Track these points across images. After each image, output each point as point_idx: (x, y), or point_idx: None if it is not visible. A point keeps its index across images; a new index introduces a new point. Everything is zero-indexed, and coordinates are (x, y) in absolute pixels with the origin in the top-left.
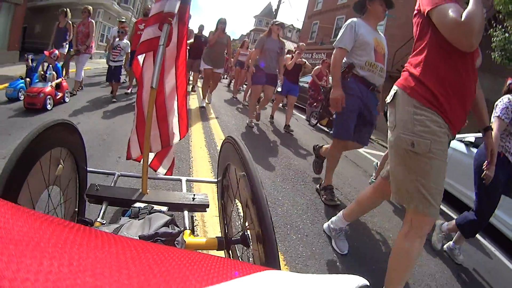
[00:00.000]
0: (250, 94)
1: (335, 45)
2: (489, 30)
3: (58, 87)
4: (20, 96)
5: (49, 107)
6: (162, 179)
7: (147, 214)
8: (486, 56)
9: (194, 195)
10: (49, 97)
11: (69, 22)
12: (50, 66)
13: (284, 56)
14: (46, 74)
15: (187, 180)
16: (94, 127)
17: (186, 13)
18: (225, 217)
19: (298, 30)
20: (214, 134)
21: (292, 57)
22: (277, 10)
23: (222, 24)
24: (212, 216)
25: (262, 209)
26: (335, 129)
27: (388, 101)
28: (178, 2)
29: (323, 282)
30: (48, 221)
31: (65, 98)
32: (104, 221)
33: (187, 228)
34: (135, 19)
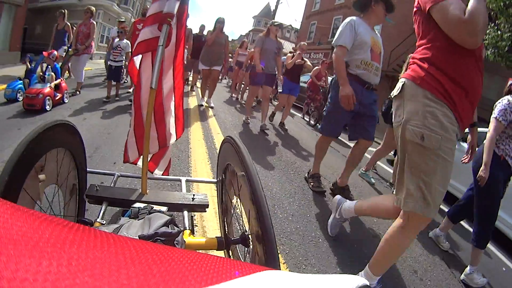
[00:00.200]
0: (248, 93)
1: (335, 43)
2: None
3: (57, 88)
4: (18, 97)
5: (48, 108)
6: (162, 180)
7: (147, 214)
8: None
9: (194, 195)
10: (48, 98)
11: (67, 24)
12: (49, 67)
13: (281, 56)
14: (45, 75)
15: (187, 180)
16: (94, 127)
17: (184, 13)
18: (224, 217)
19: (296, 30)
20: (213, 134)
21: (293, 56)
22: (275, 11)
23: (220, 23)
24: (212, 216)
25: (262, 209)
26: (323, 124)
27: (394, 94)
28: (178, 3)
29: (323, 282)
30: (47, 221)
31: (64, 98)
32: (104, 221)
33: (187, 228)
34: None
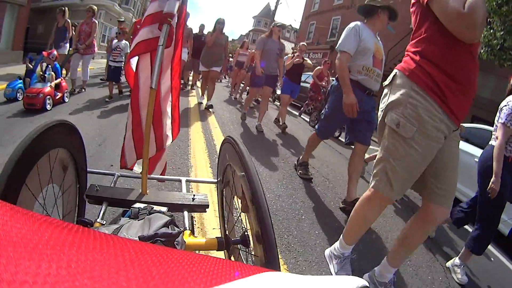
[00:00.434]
0: (247, 94)
1: (339, 48)
2: None
3: (57, 87)
4: (18, 96)
5: (48, 108)
6: (162, 180)
7: (147, 215)
8: None
9: (194, 196)
10: (48, 97)
11: (67, 21)
12: (49, 66)
13: (283, 57)
14: (45, 75)
15: (187, 180)
16: (94, 127)
17: (182, 13)
18: (225, 217)
19: (296, 31)
20: (213, 134)
21: (292, 57)
22: (274, 11)
23: (220, 24)
24: (212, 216)
25: (262, 209)
26: (319, 126)
27: (385, 83)
28: (178, 3)
29: (323, 283)
30: (46, 222)
31: (64, 98)
32: (104, 221)
33: (187, 228)
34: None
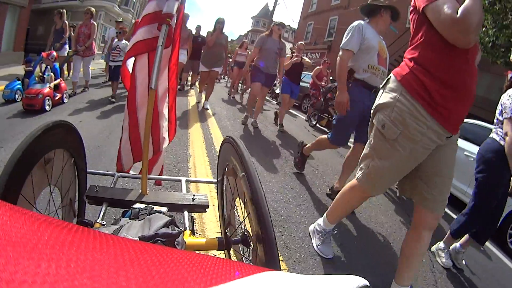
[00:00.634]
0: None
1: (342, 46)
2: None
3: (57, 88)
4: (17, 97)
5: (47, 108)
6: (162, 180)
7: (147, 215)
8: None
9: (194, 196)
10: (47, 98)
11: (65, 22)
12: (48, 67)
13: (284, 56)
14: (44, 76)
15: (187, 180)
16: (94, 128)
17: (180, 13)
18: (225, 217)
19: (294, 31)
20: (212, 134)
21: (291, 57)
22: (272, 12)
23: (220, 24)
24: (212, 216)
25: (262, 209)
26: (333, 134)
27: (380, 86)
28: (177, 3)
29: (324, 283)
30: (46, 222)
31: (63, 99)
32: (104, 222)
33: (187, 228)
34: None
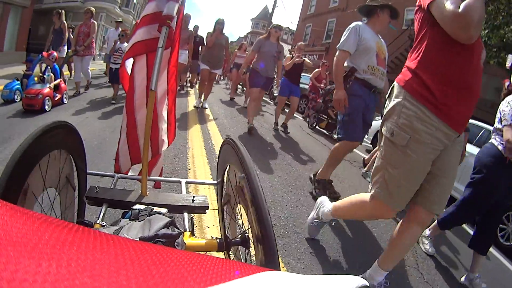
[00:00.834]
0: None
1: (339, 47)
2: None
3: (57, 89)
4: (15, 97)
5: (47, 109)
6: (162, 181)
7: (147, 216)
8: None
9: (194, 197)
10: (47, 98)
11: (63, 23)
12: (49, 67)
13: (282, 60)
14: (45, 76)
15: (187, 182)
16: (94, 128)
17: (180, 15)
18: (224, 218)
19: (293, 33)
20: (212, 135)
21: (291, 57)
22: (271, 14)
23: (219, 25)
24: (211, 218)
25: (262, 210)
26: (345, 131)
27: (386, 95)
28: (177, 5)
29: (323, 283)
30: (46, 222)
31: (63, 99)
32: (104, 223)
33: (187, 229)
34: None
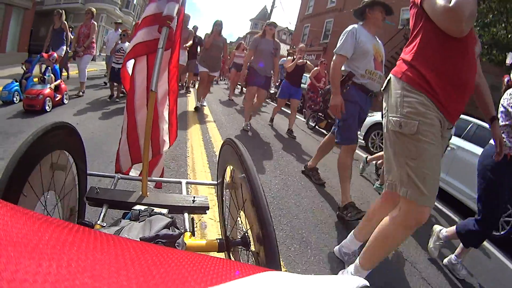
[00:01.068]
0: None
1: (336, 51)
2: None
3: (57, 89)
4: (14, 99)
5: (48, 109)
6: (162, 182)
7: (148, 217)
8: None
9: (194, 197)
10: (48, 99)
11: (64, 23)
12: (49, 68)
13: (279, 57)
14: (45, 76)
15: (187, 182)
16: (94, 129)
17: (180, 15)
18: (225, 219)
19: (291, 33)
20: (212, 136)
21: (293, 59)
22: (270, 14)
23: (217, 26)
24: (212, 218)
25: (262, 210)
26: (342, 135)
27: (382, 89)
28: (177, 5)
29: (324, 283)
30: (47, 222)
31: (64, 100)
32: (104, 223)
33: (188, 230)
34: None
